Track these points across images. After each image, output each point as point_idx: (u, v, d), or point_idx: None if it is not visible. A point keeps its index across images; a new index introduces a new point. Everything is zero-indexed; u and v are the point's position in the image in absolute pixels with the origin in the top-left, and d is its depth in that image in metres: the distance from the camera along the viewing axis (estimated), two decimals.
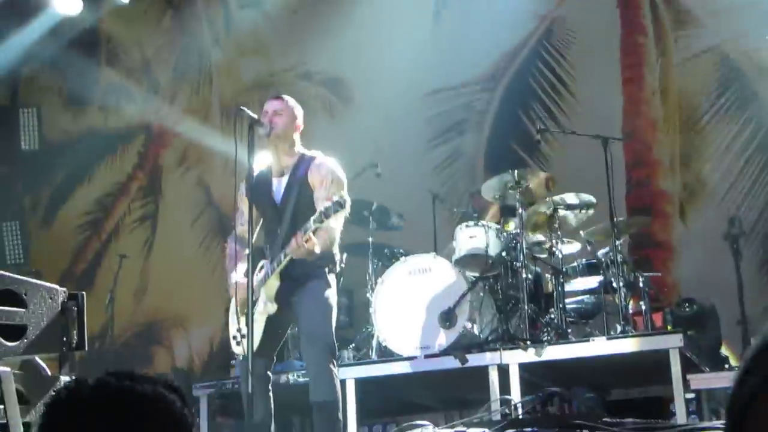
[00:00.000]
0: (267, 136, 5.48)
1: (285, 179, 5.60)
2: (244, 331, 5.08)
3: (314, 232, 5.09)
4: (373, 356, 6.97)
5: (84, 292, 4.03)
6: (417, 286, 6.68)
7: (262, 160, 5.83)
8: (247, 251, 5.26)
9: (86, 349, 4.16)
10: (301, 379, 6.62)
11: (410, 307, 6.63)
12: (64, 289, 3.98)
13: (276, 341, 5.70)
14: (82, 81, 11.83)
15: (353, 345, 7.54)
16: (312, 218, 5.04)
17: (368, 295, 7.11)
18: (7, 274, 3.56)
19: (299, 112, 5.70)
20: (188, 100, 11.50)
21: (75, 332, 4.01)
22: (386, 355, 6.79)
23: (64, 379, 4.20)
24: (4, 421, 3.17)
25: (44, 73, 11.95)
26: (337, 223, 5.28)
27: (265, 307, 5.43)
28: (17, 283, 3.52)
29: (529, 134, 9.22)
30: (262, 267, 5.52)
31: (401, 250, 7.39)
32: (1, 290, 3.32)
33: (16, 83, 11.91)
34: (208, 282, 10.12)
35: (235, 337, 5.50)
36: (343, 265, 5.66)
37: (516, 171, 6.93)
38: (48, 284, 3.86)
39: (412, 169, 9.56)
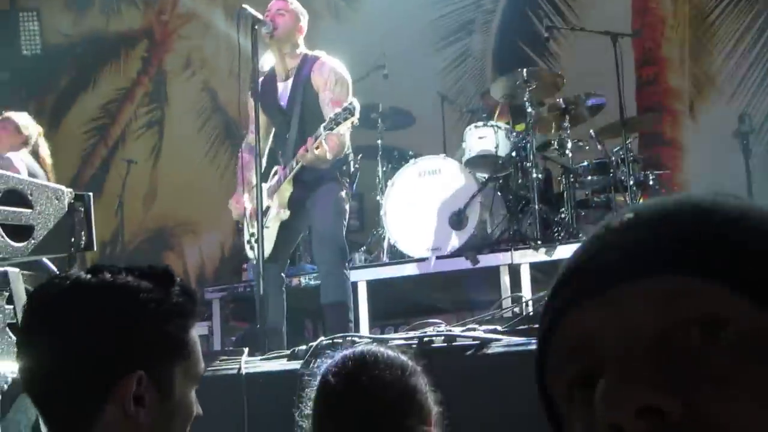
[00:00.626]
0: (270, 36, 5.42)
1: (290, 82, 5.57)
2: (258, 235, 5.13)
3: (324, 139, 5.08)
4: (385, 258, 7.01)
5: (90, 194, 4.02)
6: (427, 188, 6.68)
7: (268, 62, 5.79)
8: (246, 158, 5.29)
9: (95, 249, 4.17)
10: (312, 282, 6.67)
11: (421, 209, 6.64)
12: (71, 189, 3.96)
13: (289, 246, 5.75)
14: None
15: (364, 248, 7.58)
16: (322, 125, 5.03)
17: (378, 197, 7.12)
18: (11, 174, 3.55)
19: (303, 14, 5.63)
20: (191, 2, 11.31)
21: (83, 233, 4.02)
22: (397, 257, 6.83)
23: None
24: (14, 321, 3.20)
25: None
26: (346, 128, 5.25)
27: (277, 214, 5.46)
28: (22, 183, 3.51)
29: (537, 33, 9.09)
30: (275, 173, 5.53)
31: (411, 152, 7.38)
32: (7, 190, 3.30)
33: None
34: (217, 187, 10.12)
35: (249, 242, 5.55)
36: (356, 166, 5.67)
37: (525, 70, 6.87)
38: (54, 185, 3.85)
39: (420, 70, 9.46)
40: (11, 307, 3.22)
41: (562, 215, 6.74)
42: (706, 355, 0.69)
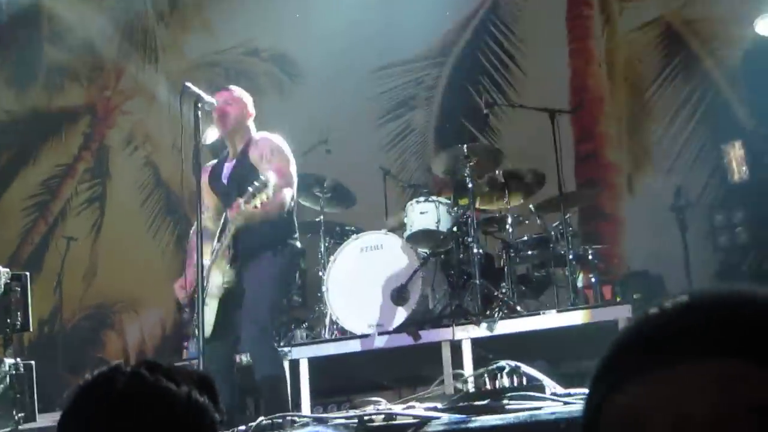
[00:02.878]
0: (223, 127, 5.57)
1: (234, 162, 5.65)
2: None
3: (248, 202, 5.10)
4: (326, 335, 6.96)
5: (28, 273, 3.97)
6: (369, 263, 6.68)
7: (211, 136, 5.87)
8: (195, 240, 5.27)
9: (31, 329, 4.11)
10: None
11: (363, 285, 6.63)
12: (7, 270, 3.91)
13: (231, 323, 5.67)
14: (25, 59, 11.62)
15: (306, 324, 7.52)
16: (243, 199, 5.07)
17: (320, 273, 7.09)
18: None
19: (248, 99, 5.75)
20: (133, 79, 11.34)
21: (19, 313, 3.95)
22: (339, 333, 6.79)
23: (9, 361, 4.14)
24: None
25: None
26: (277, 196, 5.26)
27: (212, 292, 5.42)
28: None
29: (478, 109, 9.21)
30: (213, 251, 5.51)
31: (353, 228, 7.39)
32: None
33: None
34: (159, 263, 10.03)
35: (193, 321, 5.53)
36: (300, 246, 5.69)
37: (465, 146, 6.94)
38: None
39: (363, 145, 9.55)
40: None
41: (503, 290, 6.76)
42: None
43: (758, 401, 0.71)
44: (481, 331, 6.21)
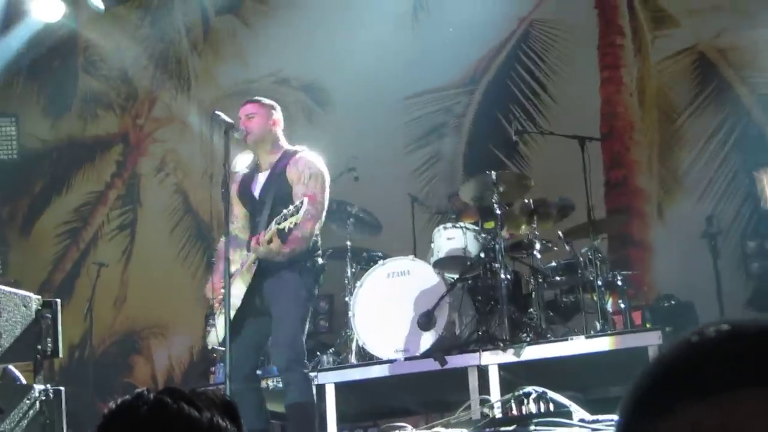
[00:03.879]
0: (244, 142, 5.51)
1: (266, 173, 5.63)
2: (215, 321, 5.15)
3: (283, 233, 5.09)
4: (353, 360, 6.93)
5: (58, 300, 3.99)
6: (396, 289, 6.66)
7: (242, 162, 5.86)
8: (223, 247, 5.28)
9: (60, 356, 4.12)
10: (280, 385, 6.58)
11: (389, 310, 6.60)
12: (39, 296, 3.94)
13: (255, 339, 5.64)
14: (61, 89, 11.78)
15: (333, 349, 7.51)
16: (274, 220, 5.07)
17: (347, 298, 7.08)
18: None
19: (274, 108, 5.72)
20: (166, 107, 11.45)
21: (49, 339, 3.98)
22: (366, 358, 6.76)
23: (39, 387, 4.17)
24: None
25: (22, 80, 11.88)
26: (307, 224, 5.26)
27: (235, 301, 5.40)
28: None
29: (507, 136, 9.20)
30: (242, 262, 5.53)
31: (379, 253, 7.39)
32: None
33: None
34: (188, 290, 10.06)
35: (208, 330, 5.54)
36: (322, 262, 5.66)
37: (494, 172, 6.92)
38: (22, 292, 3.83)
39: (391, 172, 9.56)
40: None
41: (531, 316, 6.71)
42: None
43: None
44: (508, 356, 6.16)
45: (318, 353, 7.40)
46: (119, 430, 1.55)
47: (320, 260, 5.65)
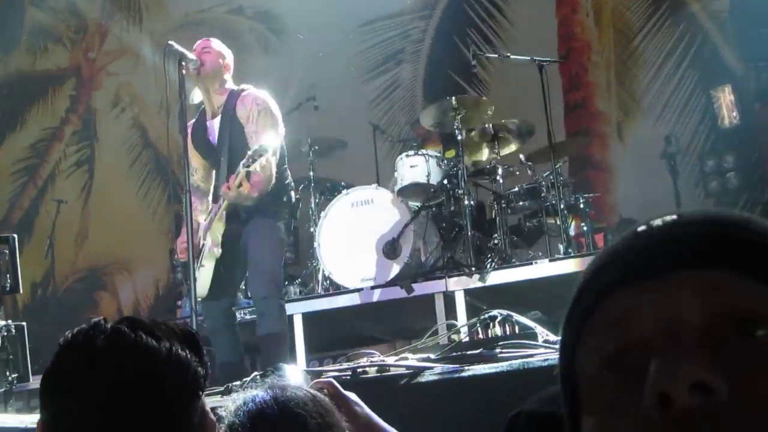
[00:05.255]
0: (197, 73, 5.42)
1: (218, 119, 5.55)
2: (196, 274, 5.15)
3: (246, 176, 5.08)
4: (320, 290, 6.97)
5: (15, 235, 3.95)
6: (360, 218, 6.67)
7: (197, 96, 5.78)
8: (192, 200, 5.24)
9: (21, 291, 4.08)
10: (248, 317, 6.60)
11: (354, 240, 6.62)
12: None
13: (230, 283, 5.67)
14: (7, 23, 11.48)
15: (299, 280, 7.54)
16: (241, 163, 5.04)
17: (312, 229, 7.09)
18: None
19: (227, 52, 5.65)
20: (117, 40, 11.24)
21: (8, 275, 3.94)
22: (332, 288, 6.79)
23: (0, 323, 4.14)
24: None
25: None
26: (269, 163, 5.24)
27: (210, 252, 5.41)
28: None
29: (466, 61, 9.12)
30: (210, 211, 5.50)
31: (343, 183, 7.37)
32: None
33: None
34: (150, 224, 10.01)
35: (187, 284, 5.56)
36: (297, 197, 5.68)
37: (454, 98, 6.90)
38: None
39: (351, 101, 9.50)
40: None
41: (495, 241, 6.76)
42: (748, 344, 0.76)
43: (743, 306, 0.76)
44: (473, 282, 6.22)
45: (285, 284, 7.43)
46: (75, 360, 1.50)
47: (294, 196, 5.65)
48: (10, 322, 5.43)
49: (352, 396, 2.11)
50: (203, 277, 5.33)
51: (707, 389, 0.73)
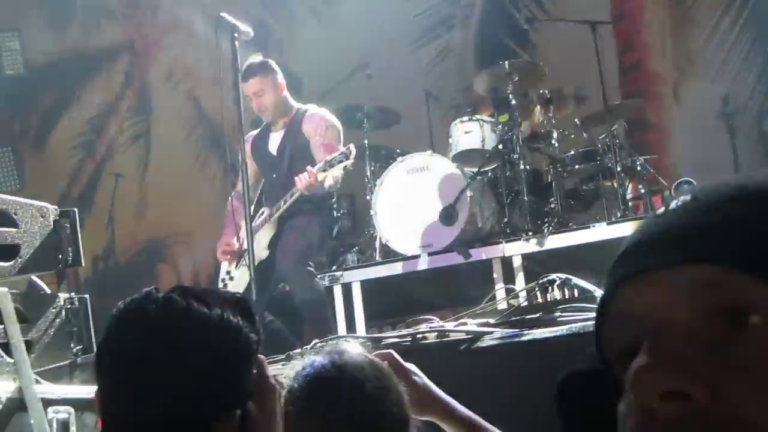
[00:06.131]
0: (259, 114, 5.79)
1: (282, 132, 5.92)
2: (233, 273, 5.40)
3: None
4: (377, 258, 7.01)
5: (76, 209, 4.01)
6: (416, 185, 6.69)
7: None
8: (236, 204, 5.52)
9: (82, 264, 4.15)
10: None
11: (411, 207, 6.64)
12: (55, 206, 3.96)
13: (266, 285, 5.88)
14: (61, 0, 11.60)
15: (357, 248, 7.58)
16: (318, 165, 5.27)
17: (368, 197, 7.12)
18: None
19: (275, 73, 5.82)
20: (170, 13, 11.30)
21: (70, 249, 4.01)
22: (390, 255, 6.83)
23: (63, 296, 4.23)
24: (5, 341, 3.20)
25: None
26: (339, 171, 5.45)
27: (257, 253, 5.53)
28: (6, 203, 3.51)
29: (517, 25, 9.11)
30: (261, 213, 5.72)
31: (398, 150, 7.39)
32: None
33: None
34: (208, 194, 10.12)
35: (223, 280, 5.80)
36: (338, 214, 5.97)
37: (507, 62, 6.87)
38: (38, 203, 3.84)
39: (403, 69, 9.47)
40: (1, 327, 3.22)
41: (552, 205, 6.75)
42: (734, 344, 0.72)
43: (730, 303, 0.73)
44: (531, 246, 6.22)
45: (342, 251, 7.49)
46: (128, 329, 1.52)
47: (335, 209, 5.98)
48: (73, 294, 5.55)
49: (412, 367, 2.13)
50: (240, 282, 5.84)
51: (684, 395, 0.71)
